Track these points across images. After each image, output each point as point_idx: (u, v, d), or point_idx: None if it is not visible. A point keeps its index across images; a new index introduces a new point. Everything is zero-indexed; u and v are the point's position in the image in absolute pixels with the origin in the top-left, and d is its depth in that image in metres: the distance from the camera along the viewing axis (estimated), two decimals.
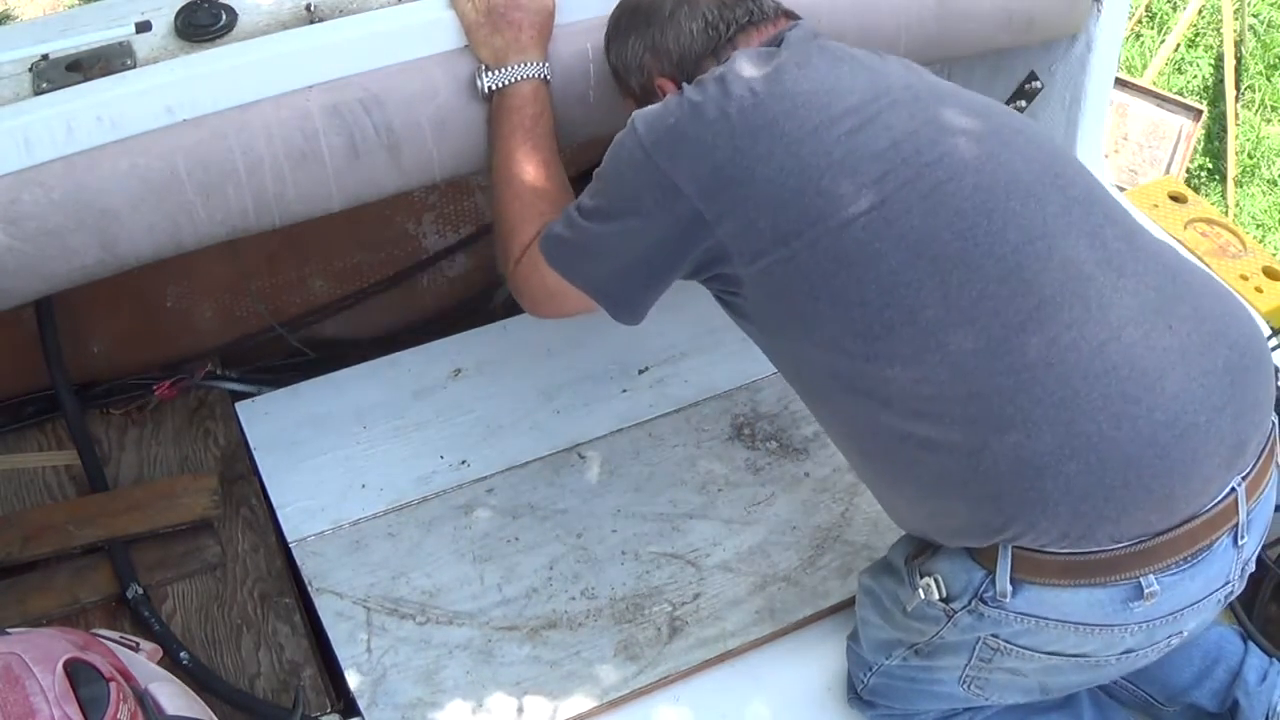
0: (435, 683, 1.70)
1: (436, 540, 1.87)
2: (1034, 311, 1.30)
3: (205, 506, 1.83)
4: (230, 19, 1.57)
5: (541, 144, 1.59)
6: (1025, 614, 1.35)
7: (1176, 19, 3.98)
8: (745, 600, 1.81)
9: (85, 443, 1.91)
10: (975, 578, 1.36)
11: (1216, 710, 1.63)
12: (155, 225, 1.52)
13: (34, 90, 1.48)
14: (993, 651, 1.42)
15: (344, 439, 2.00)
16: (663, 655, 1.74)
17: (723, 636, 1.76)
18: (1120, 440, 1.27)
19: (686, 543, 1.88)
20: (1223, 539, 1.34)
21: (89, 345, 2.04)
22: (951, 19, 1.82)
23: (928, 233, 1.32)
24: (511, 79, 1.57)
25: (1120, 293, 1.32)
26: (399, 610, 1.78)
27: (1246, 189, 3.68)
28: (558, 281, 1.51)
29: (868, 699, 1.65)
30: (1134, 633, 1.36)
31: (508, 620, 1.78)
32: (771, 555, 1.86)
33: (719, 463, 1.99)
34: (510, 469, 1.97)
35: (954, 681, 1.50)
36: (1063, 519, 1.28)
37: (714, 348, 2.16)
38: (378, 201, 1.68)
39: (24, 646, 1.23)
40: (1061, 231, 1.34)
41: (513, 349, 2.16)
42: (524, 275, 1.56)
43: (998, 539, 1.32)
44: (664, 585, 1.82)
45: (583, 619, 1.79)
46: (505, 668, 1.73)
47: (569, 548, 1.87)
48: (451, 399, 2.08)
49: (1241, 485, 1.34)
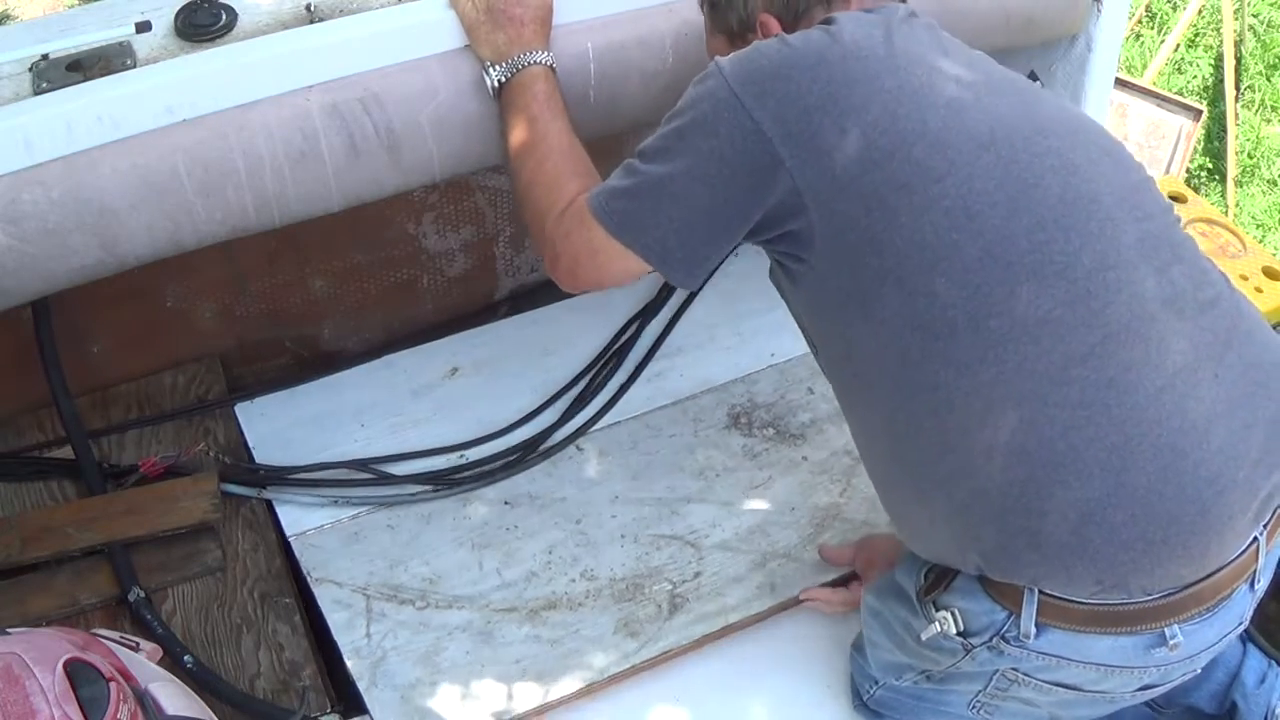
0: (435, 663, 1.72)
1: (435, 531, 1.89)
2: (1097, 346, 1.25)
3: (205, 510, 1.83)
4: (230, 19, 1.57)
5: (560, 116, 1.54)
6: (1047, 654, 1.33)
7: (1176, 19, 3.98)
8: (746, 576, 1.82)
9: (84, 444, 1.91)
10: (997, 618, 1.33)
11: (1215, 712, 1.63)
12: (155, 225, 1.52)
13: (34, 90, 1.48)
14: (1010, 682, 1.40)
15: (342, 437, 2.02)
16: (663, 631, 1.76)
17: (724, 611, 1.78)
18: (1166, 496, 1.24)
19: (686, 525, 1.90)
20: (1241, 586, 1.34)
21: (88, 345, 2.04)
22: (951, 19, 1.81)
23: (1006, 235, 1.26)
24: (519, 67, 1.55)
25: (1178, 336, 1.28)
26: (398, 596, 1.80)
27: (1246, 189, 3.68)
28: (604, 240, 1.39)
29: (874, 709, 1.64)
30: (1152, 673, 1.35)
31: (507, 603, 1.80)
32: (771, 534, 1.88)
33: (716, 450, 2.01)
34: (508, 461, 1.99)
35: (963, 705, 1.49)
36: (1099, 567, 1.26)
37: (709, 343, 2.19)
38: (378, 201, 1.67)
39: (24, 646, 1.23)
40: (1133, 263, 1.29)
41: (510, 348, 2.18)
42: (563, 234, 1.44)
43: (1025, 579, 1.29)
44: (664, 565, 1.84)
45: (582, 599, 1.80)
46: (505, 647, 1.74)
47: (568, 533, 1.89)
48: (449, 397, 2.09)
49: (1263, 534, 1.33)
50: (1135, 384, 1.25)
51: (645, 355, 2.16)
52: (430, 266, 2.25)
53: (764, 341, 2.19)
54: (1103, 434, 1.24)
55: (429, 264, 2.24)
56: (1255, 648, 1.64)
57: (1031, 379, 1.25)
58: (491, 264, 2.31)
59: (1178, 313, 1.29)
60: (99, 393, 2.07)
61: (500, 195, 2.22)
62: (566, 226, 1.44)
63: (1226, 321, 1.33)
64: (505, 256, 2.31)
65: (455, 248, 2.25)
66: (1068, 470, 1.24)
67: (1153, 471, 1.24)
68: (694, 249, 1.38)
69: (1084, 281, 1.26)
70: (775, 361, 2.16)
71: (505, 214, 2.25)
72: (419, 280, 2.26)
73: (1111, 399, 1.24)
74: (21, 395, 2.00)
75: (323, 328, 2.22)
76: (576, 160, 1.52)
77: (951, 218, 1.26)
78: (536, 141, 1.52)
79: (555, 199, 1.47)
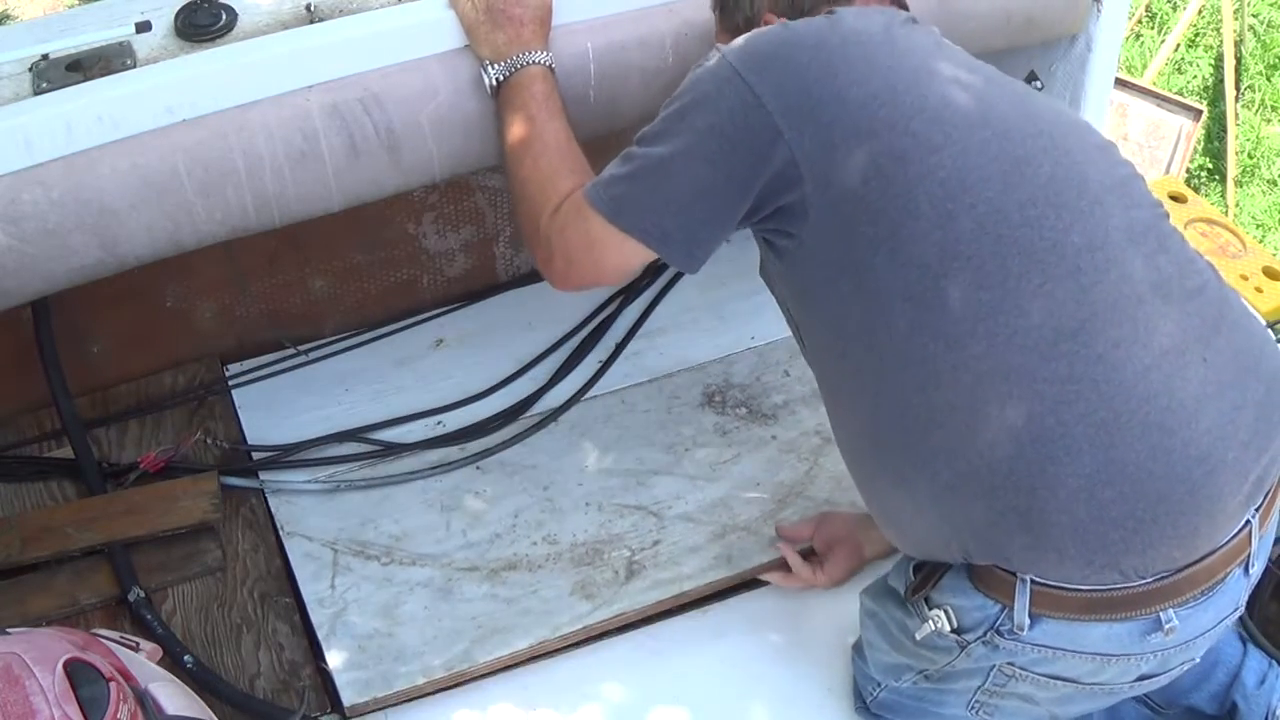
0: (394, 616, 1.77)
1: (407, 492, 1.95)
2: (1086, 321, 1.26)
3: (205, 510, 1.83)
4: (230, 19, 1.57)
5: (558, 115, 1.55)
6: (1042, 645, 1.33)
7: (1176, 19, 3.98)
8: (704, 547, 1.86)
9: (83, 444, 1.91)
10: (990, 612, 1.34)
11: (1215, 713, 1.63)
12: (155, 225, 1.52)
13: (34, 90, 1.48)
14: (1007, 678, 1.40)
15: (326, 399, 2.08)
16: (618, 595, 1.79)
17: (679, 579, 1.81)
18: (1155, 474, 1.25)
19: (651, 496, 1.94)
20: (1235, 570, 1.34)
21: (88, 346, 2.04)
22: (951, 19, 1.82)
23: (999, 208, 1.28)
24: (517, 66, 1.55)
25: (1165, 319, 1.29)
26: (365, 552, 1.85)
27: (1246, 189, 3.68)
28: (601, 229, 1.40)
29: (876, 712, 1.64)
30: (1149, 660, 1.35)
31: (469, 562, 1.84)
32: (733, 508, 1.91)
33: (688, 426, 2.05)
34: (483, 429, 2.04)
35: (962, 705, 1.49)
36: (1090, 546, 1.26)
37: (690, 325, 2.24)
38: (378, 201, 1.68)
39: (24, 646, 1.23)
40: (1120, 246, 1.30)
41: (494, 323, 2.24)
42: (558, 229, 1.45)
43: (1016, 563, 1.29)
44: (625, 533, 1.88)
45: (542, 561, 1.85)
46: (463, 604, 1.79)
47: (535, 499, 1.94)
48: (432, 367, 2.16)
49: (1255, 518, 1.33)
50: (1123, 361, 1.26)
51: (626, 334, 2.20)
52: (430, 266, 2.25)
53: (744, 325, 2.22)
54: (1091, 409, 1.25)
55: (429, 264, 2.25)
56: (1256, 648, 1.64)
57: (1020, 353, 1.26)
58: (491, 264, 2.31)
59: (1164, 297, 1.30)
60: (99, 393, 2.07)
61: (500, 195, 2.22)
62: (561, 221, 1.45)
63: (1213, 309, 1.34)
64: (505, 256, 2.31)
65: (455, 248, 2.25)
66: (1057, 446, 1.25)
67: (1141, 449, 1.25)
68: (693, 229, 1.39)
69: (1073, 258, 1.28)
70: (754, 344, 2.19)
71: (505, 214, 2.25)
72: (419, 280, 2.26)
73: (1100, 374, 1.25)
74: (21, 395, 2.01)
75: (323, 328, 2.22)
76: (572, 158, 1.53)
77: (946, 188, 1.28)
78: (532, 140, 1.53)
79: (549, 195, 1.48)
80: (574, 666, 1.75)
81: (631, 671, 1.74)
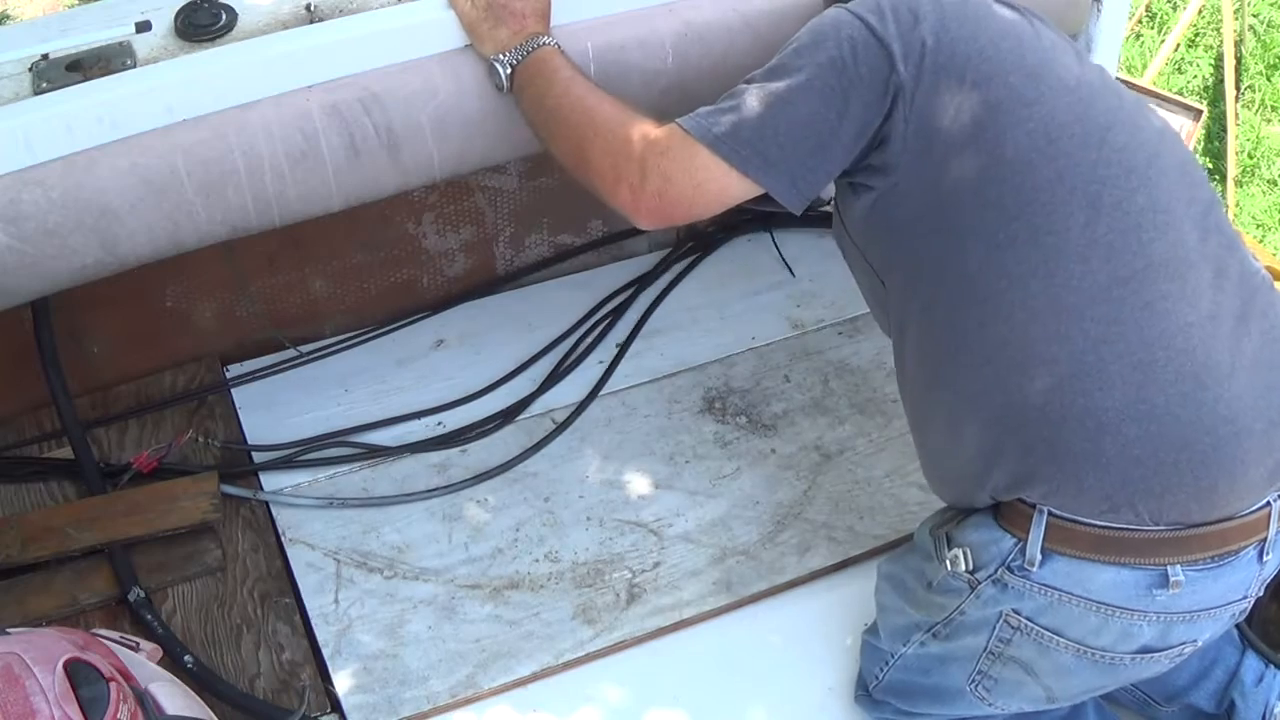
0: (398, 636, 1.77)
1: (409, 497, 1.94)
2: (1140, 271, 1.33)
3: (205, 510, 1.83)
4: (230, 19, 1.57)
5: (588, 79, 1.54)
6: (1049, 586, 1.36)
7: (1176, 19, 3.98)
8: (703, 571, 1.86)
9: (83, 445, 1.91)
10: (1004, 546, 1.38)
11: (1214, 711, 1.63)
12: (155, 225, 1.52)
13: (34, 90, 1.47)
14: (1012, 630, 1.42)
15: (326, 401, 2.09)
16: (620, 620, 1.80)
17: (679, 605, 1.81)
18: (1182, 419, 1.30)
19: (651, 512, 1.94)
20: (1249, 549, 1.36)
21: (88, 346, 2.04)
22: None
23: (1077, 163, 1.36)
24: (530, 50, 1.55)
25: (1212, 289, 1.36)
26: (367, 564, 1.85)
27: (1246, 189, 3.68)
28: (706, 159, 1.39)
29: (879, 698, 1.65)
30: (1151, 624, 1.36)
31: (472, 579, 1.84)
32: (733, 528, 1.91)
33: (688, 435, 2.05)
34: (484, 431, 2.04)
35: (964, 678, 1.50)
36: (1110, 481, 1.31)
37: (690, 325, 2.24)
38: (378, 201, 1.68)
39: (24, 646, 1.23)
40: (1180, 216, 1.38)
41: (495, 322, 2.24)
42: (653, 164, 1.42)
43: (1038, 494, 1.34)
44: (625, 552, 1.88)
45: (544, 581, 1.84)
46: (466, 625, 1.79)
47: (536, 511, 1.93)
48: (432, 367, 2.16)
49: (1277, 500, 1.36)
50: (1168, 312, 1.33)
51: (628, 335, 2.21)
52: (430, 266, 2.25)
53: (746, 325, 2.23)
54: (1131, 349, 1.31)
55: (429, 264, 2.25)
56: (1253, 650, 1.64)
57: (1075, 294, 1.33)
58: (491, 264, 2.31)
59: (1214, 269, 1.37)
60: (99, 393, 2.07)
61: (500, 195, 2.22)
62: (654, 155, 1.42)
63: (1261, 298, 1.40)
64: (505, 257, 2.32)
65: (455, 248, 2.25)
66: (1091, 380, 1.31)
67: (1172, 394, 1.30)
68: (801, 159, 1.39)
69: (1136, 215, 1.36)
70: (755, 345, 2.20)
71: (505, 214, 2.25)
72: (419, 280, 2.26)
73: (1145, 320, 1.32)
74: (21, 395, 2.01)
75: (323, 328, 2.22)
76: (629, 104, 1.51)
77: (1033, 139, 1.36)
78: (576, 101, 1.50)
79: (628, 135, 1.45)
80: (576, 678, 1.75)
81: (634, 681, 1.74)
